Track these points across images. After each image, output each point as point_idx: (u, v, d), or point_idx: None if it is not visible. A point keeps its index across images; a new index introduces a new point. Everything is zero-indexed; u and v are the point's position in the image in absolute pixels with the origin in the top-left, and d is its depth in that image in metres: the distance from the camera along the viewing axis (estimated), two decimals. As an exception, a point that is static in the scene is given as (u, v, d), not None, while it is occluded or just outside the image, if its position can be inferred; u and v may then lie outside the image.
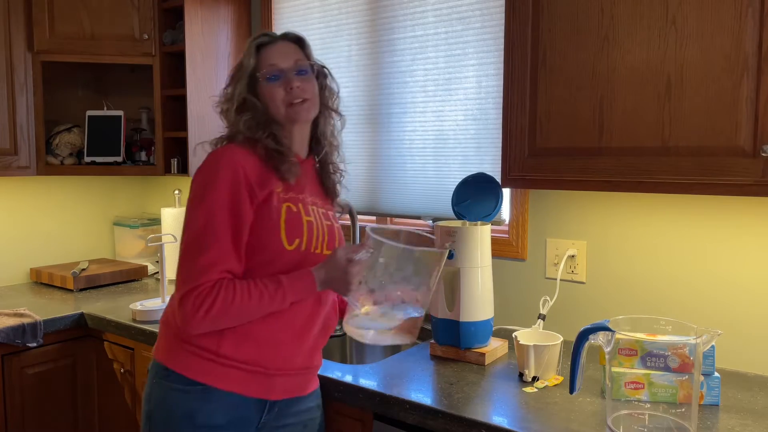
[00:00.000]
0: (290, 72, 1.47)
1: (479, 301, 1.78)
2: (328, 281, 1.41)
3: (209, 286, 1.35)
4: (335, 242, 1.54)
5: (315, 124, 1.56)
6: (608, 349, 1.35)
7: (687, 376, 1.45)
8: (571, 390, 1.38)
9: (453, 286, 1.78)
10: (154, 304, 2.21)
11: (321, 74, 1.55)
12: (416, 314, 1.51)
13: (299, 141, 1.53)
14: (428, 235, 1.59)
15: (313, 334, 1.51)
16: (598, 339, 1.35)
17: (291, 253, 1.43)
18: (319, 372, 1.63)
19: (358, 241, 2.28)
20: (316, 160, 1.58)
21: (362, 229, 1.48)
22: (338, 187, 1.63)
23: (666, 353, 1.46)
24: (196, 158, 2.47)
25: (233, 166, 1.39)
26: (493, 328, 1.85)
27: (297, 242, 1.43)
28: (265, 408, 1.47)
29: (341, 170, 1.63)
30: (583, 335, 1.35)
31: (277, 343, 1.45)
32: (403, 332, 1.50)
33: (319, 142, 1.57)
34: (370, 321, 1.49)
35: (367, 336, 1.51)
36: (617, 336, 1.35)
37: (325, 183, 1.60)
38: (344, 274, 1.38)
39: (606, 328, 1.33)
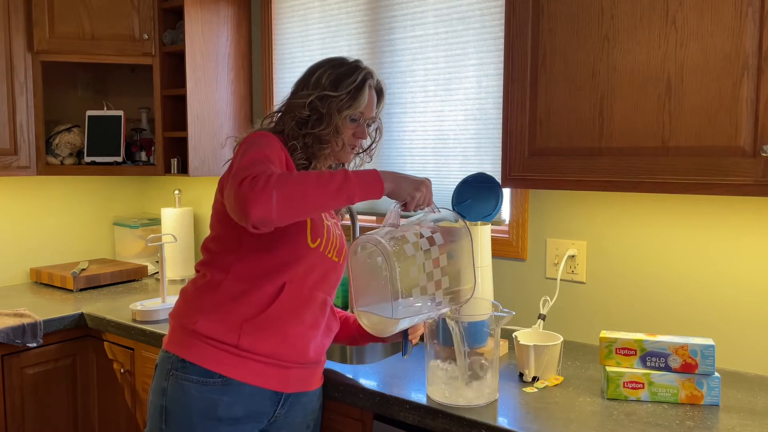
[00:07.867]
0: (365, 123, 1.57)
1: (479, 301, 1.78)
2: (397, 180, 1.43)
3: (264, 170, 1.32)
4: (344, 251, 1.59)
5: None
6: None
7: (689, 377, 1.45)
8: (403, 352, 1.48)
9: (453, 286, 1.77)
10: (154, 304, 2.21)
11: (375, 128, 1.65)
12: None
13: (324, 165, 1.60)
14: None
15: (320, 331, 1.55)
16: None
17: (312, 252, 1.48)
18: (319, 372, 1.65)
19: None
20: None
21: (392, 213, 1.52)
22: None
23: (667, 353, 1.47)
24: (197, 158, 2.51)
25: (279, 142, 1.47)
26: (493, 328, 1.85)
27: (318, 241, 1.49)
28: (280, 401, 1.50)
29: None
30: None
31: (293, 336, 1.48)
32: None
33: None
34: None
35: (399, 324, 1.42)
36: (615, 335, 1.34)
37: None
38: (414, 181, 1.45)
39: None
